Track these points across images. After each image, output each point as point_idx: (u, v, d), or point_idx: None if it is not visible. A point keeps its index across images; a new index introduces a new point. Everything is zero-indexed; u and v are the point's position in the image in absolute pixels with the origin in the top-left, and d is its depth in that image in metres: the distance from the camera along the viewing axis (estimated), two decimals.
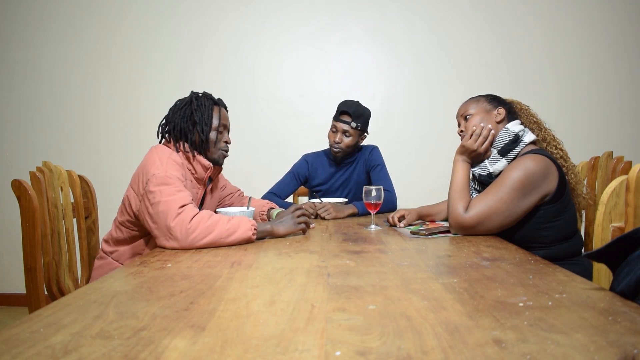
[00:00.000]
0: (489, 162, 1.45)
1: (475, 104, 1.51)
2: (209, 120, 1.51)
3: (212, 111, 1.52)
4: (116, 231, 1.49)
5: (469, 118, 1.50)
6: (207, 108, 1.52)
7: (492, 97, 1.53)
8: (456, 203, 1.39)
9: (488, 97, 1.53)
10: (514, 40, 2.89)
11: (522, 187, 1.30)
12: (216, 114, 1.54)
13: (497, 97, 1.53)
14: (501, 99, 1.53)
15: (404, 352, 0.53)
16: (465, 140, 1.47)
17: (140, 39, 3.00)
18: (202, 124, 1.49)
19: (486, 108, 1.49)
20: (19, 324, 0.64)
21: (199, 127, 1.49)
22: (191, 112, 1.50)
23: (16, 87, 3.02)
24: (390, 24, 2.94)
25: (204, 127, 1.49)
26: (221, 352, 0.55)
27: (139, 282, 0.89)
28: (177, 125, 1.49)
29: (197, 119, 1.49)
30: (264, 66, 2.99)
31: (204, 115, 1.50)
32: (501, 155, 1.43)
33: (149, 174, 1.32)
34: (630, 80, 2.86)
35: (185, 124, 1.49)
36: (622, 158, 1.75)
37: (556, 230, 1.37)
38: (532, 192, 1.31)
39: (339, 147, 2.06)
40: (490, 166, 1.45)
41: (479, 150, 1.45)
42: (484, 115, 1.48)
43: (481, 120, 1.47)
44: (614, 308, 0.68)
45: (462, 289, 0.80)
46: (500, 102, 1.51)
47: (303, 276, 0.92)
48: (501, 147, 1.43)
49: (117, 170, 2.97)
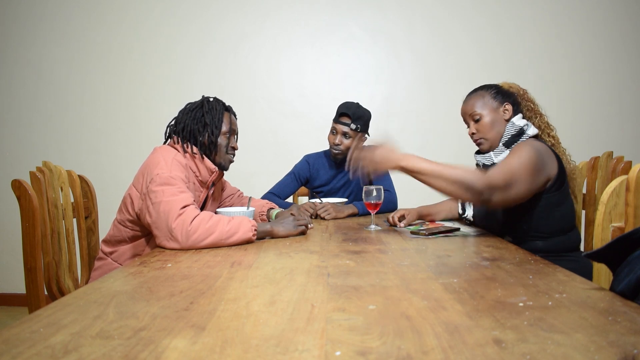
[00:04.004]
0: (494, 153, 1.45)
1: (481, 102, 1.48)
2: (219, 124, 1.53)
3: (222, 116, 1.54)
4: (115, 231, 1.49)
5: (479, 120, 1.46)
6: (218, 112, 1.54)
7: (495, 90, 1.49)
8: (467, 172, 1.22)
9: (491, 92, 1.49)
10: (514, 40, 2.89)
11: (536, 161, 1.29)
12: (226, 119, 1.56)
13: (500, 90, 1.50)
14: (504, 90, 1.50)
15: (404, 352, 0.53)
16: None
17: (140, 39, 3.00)
18: (213, 126, 1.51)
19: (493, 106, 1.46)
20: (19, 324, 0.64)
21: (209, 130, 1.50)
22: (202, 114, 1.51)
23: (16, 87, 3.02)
24: (390, 24, 2.94)
25: (214, 130, 1.51)
26: (221, 352, 0.55)
27: (139, 282, 0.89)
28: (187, 126, 1.50)
29: (208, 121, 1.50)
30: (264, 66, 2.99)
31: (215, 119, 1.52)
32: (506, 147, 1.43)
33: (152, 173, 1.32)
34: (630, 80, 2.86)
35: (195, 126, 1.50)
36: (622, 158, 1.75)
37: (555, 221, 1.37)
38: (541, 171, 1.30)
39: (339, 149, 2.06)
40: (495, 157, 1.45)
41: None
42: (494, 116, 1.45)
43: (492, 121, 1.45)
44: (614, 308, 0.68)
45: (462, 289, 0.80)
46: (505, 95, 1.48)
47: (303, 276, 0.92)
48: (507, 140, 1.43)
49: (117, 170, 2.97)
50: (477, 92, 1.51)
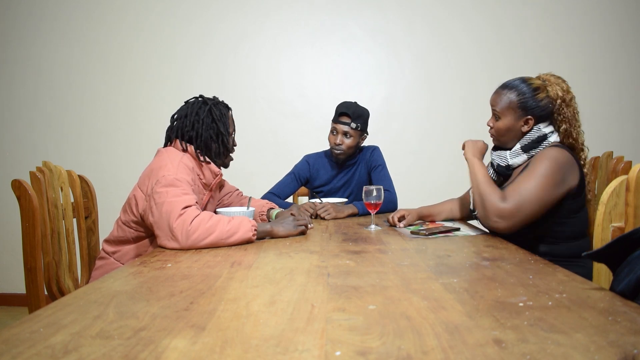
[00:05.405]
0: (510, 154, 1.44)
1: (507, 104, 1.41)
2: (229, 129, 1.56)
3: (228, 119, 1.57)
4: (119, 231, 1.49)
5: (498, 119, 1.44)
6: (224, 117, 1.55)
7: (525, 97, 1.39)
8: (490, 195, 1.32)
9: (521, 98, 1.39)
10: (514, 40, 2.89)
11: (553, 176, 1.28)
12: (230, 121, 1.58)
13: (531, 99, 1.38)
14: (535, 100, 1.38)
15: (404, 352, 0.53)
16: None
17: (140, 39, 2.99)
18: (226, 134, 1.53)
19: (515, 114, 1.40)
20: (19, 324, 0.64)
21: (225, 138, 1.53)
22: (212, 120, 1.52)
23: (16, 87, 3.02)
24: (390, 24, 2.94)
25: (226, 136, 1.54)
26: (221, 352, 0.55)
27: (139, 282, 0.89)
28: (201, 135, 1.50)
29: (223, 130, 1.52)
30: (264, 66, 2.99)
31: (226, 125, 1.54)
32: (523, 151, 1.42)
33: (158, 175, 1.33)
34: (630, 80, 2.86)
35: (207, 133, 1.51)
36: (622, 158, 1.75)
37: (570, 227, 1.36)
38: (561, 183, 1.30)
39: (340, 149, 2.05)
40: (510, 159, 1.44)
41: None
42: (512, 124, 1.41)
43: (509, 128, 1.42)
44: (614, 308, 0.68)
45: (462, 289, 0.80)
46: (532, 108, 1.39)
47: (303, 276, 0.92)
48: (526, 144, 1.41)
49: (117, 170, 2.97)
50: (510, 90, 1.42)
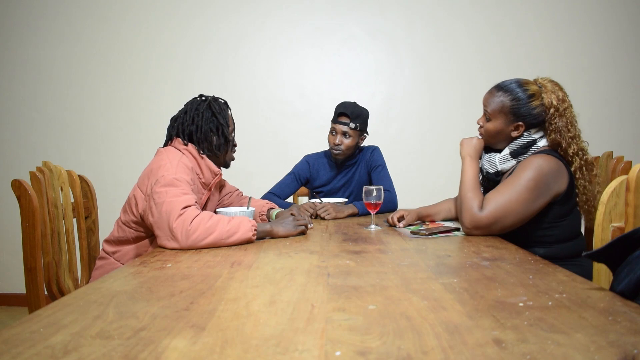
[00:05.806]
0: (499, 160, 1.44)
1: (500, 106, 1.40)
2: (228, 122, 1.57)
3: (227, 114, 1.58)
4: (119, 231, 1.49)
5: (489, 120, 1.44)
6: (224, 111, 1.57)
7: (519, 104, 1.37)
8: (470, 202, 1.35)
9: (515, 103, 1.37)
10: (514, 40, 2.89)
11: (536, 187, 1.28)
12: (230, 117, 1.59)
13: (523, 106, 1.37)
14: (528, 108, 1.37)
15: (404, 352, 0.53)
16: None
17: (140, 39, 2.99)
18: (225, 126, 1.54)
19: (506, 119, 1.39)
20: (19, 324, 0.64)
21: (225, 130, 1.53)
22: (212, 114, 1.53)
23: (16, 87, 3.02)
24: (390, 24, 2.94)
25: (226, 129, 1.54)
26: (221, 352, 0.55)
27: (139, 282, 0.89)
28: (201, 127, 1.51)
29: (222, 121, 1.53)
30: (264, 66, 2.99)
31: (225, 118, 1.55)
32: (512, 156, 1.42)
33: (157, 175, 1.33)
34: (630, 80, 2.86)
35: (207, 126, 1.51)
36: (622, 158, 1.75)
37: (561, 230, 1.36)
38: (545, 193, 1.30)
39: (339, 149, 2.05)
40: (499, 164, 1.44)
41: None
42: (502, 127, 1.40)
43: (498, 131, 1.41)
44: (614, 308, 0.68)
45: (462, 289, 0.80)
46: (524, 115, 1.37)
47: (303, 276, 0.92)
48: (514, 150, 1.41)
49: (117, 170, 2.97)
50: (504, 93, 1.40)
